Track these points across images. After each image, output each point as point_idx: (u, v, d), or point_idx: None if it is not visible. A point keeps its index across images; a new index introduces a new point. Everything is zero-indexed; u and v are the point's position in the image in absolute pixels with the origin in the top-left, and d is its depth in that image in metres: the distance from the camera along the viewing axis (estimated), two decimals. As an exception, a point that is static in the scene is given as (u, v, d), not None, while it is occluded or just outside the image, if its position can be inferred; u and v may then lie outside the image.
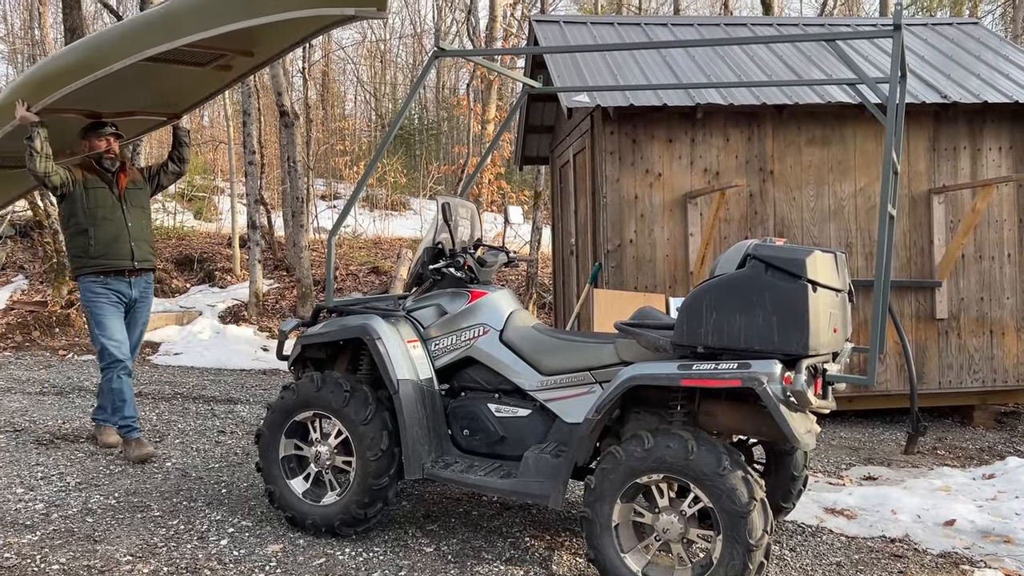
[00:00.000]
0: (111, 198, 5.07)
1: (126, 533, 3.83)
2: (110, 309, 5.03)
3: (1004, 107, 6.52)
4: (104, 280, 5.01)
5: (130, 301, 5.15)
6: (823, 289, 3.10)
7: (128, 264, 5.07)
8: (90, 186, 5.02)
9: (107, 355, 5.01)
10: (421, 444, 3.71)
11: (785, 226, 6.52)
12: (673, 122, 6.46)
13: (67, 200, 5.00)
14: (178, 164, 5.44)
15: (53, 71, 4.64)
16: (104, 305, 5.01)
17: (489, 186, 15.06)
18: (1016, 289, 6.64)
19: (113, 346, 5.00)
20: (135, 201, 5.19)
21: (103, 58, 4.32)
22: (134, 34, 4.31)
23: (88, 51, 4.47)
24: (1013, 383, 6.66)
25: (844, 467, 5.36)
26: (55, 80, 4.55)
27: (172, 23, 4.14)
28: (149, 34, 4.20)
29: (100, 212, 5.00)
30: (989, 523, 4.18)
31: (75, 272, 5.06)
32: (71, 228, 5.03)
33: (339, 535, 3.79)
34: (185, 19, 4.08)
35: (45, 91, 4.59)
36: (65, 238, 5.17)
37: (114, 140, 5.11)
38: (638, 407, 3.47)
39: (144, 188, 5.30)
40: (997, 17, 20.37)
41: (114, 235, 5.02)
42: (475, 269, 4.04)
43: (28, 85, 4.77)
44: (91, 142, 5.07)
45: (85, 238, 4.97)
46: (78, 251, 5.01)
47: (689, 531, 3.12)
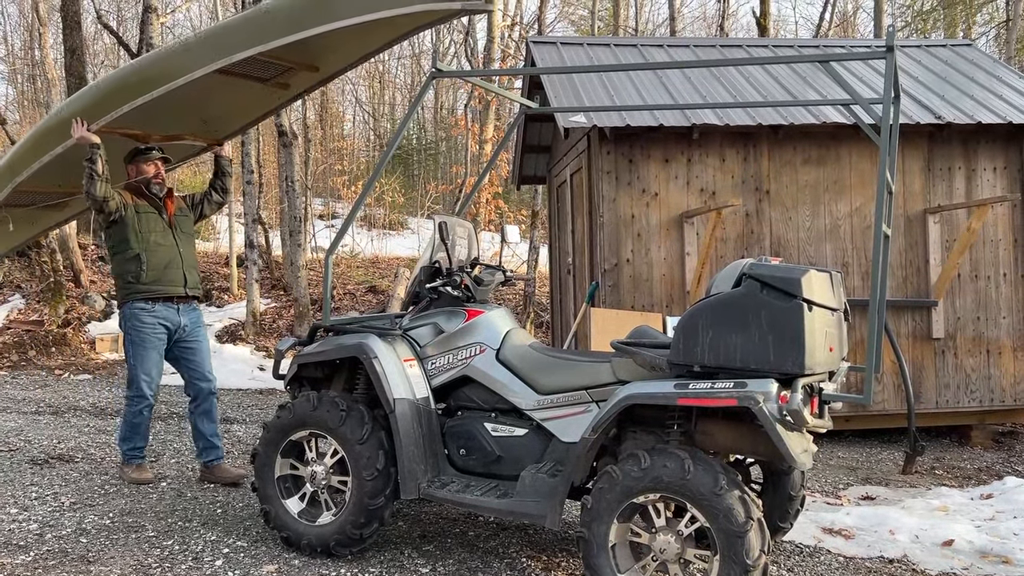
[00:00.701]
0: (162, 223, 4.95)
1: (120, 554, 3.80)
2: (152, 341, 4.85)
3: (998, 127, 6.56)
4: (152, 307, 4.84)
5: (176, 328, 4.94)
6: (819, 308, 3.11)
7: (180, 291, 4.93)
8: (141, 211, 4.88)
9: (137, 388, 4.88)
10: (417, 464, 3.70)
11: (781, 246, 6.54)
12: (669, 142, 6.49)
13: (117, 225, 4.83)
14: (221, 194, 5.32)
15: (115, 86, 4.50)
16: (148, 336, 4.83)
17: (487, 205, 15.08)
18: (1012, 308, 6.66)
19: (145, 381, 4.86)
20: (184, 227, 5.08)
21: (174, 69, 4.21)
22: (213, 40, 4.18)
23: (155, 64, 4.35)
24: (1010, 403, 6.66)
25: (842, 487, 5.35)
26: (117, 95, 4.41)
27: (260, 27, 4.01)
28: (232, 39, 4.08)
29: (152, 237, 4.87)
30: (987, 543, 4.16)
31: (124, 297, 4.87)
32: (121, 253, 4.85)
33: (335, 556, 3.76)
34: (277, 22, 3.95)
35: (105, 108, 4.45)
36: (114, 264, 4.96)
37: (162, 165, 5.00)
38: (635, 426, 3.47)
39: (189, 215, 5.19)
40: (991, 39, 20.56)
41: (166, 261, 4.89)
42: (472, 288, 4.04)
43: (84, 103, 4.61)
44: (139, 167, 4.93)
45: (137, 263, 4.81)
46: (129, 277, 4.83)
47: (686, 551, 3.10)
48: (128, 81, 4.46)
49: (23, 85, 25.18)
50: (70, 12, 14.78)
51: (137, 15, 23.10)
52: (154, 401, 4.98)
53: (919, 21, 18.82)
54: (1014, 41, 16.12)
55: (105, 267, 13.23)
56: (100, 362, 9.92)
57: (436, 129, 26.24)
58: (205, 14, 24.97)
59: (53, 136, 4.69)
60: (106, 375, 9.35)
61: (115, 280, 4.99)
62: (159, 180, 4.97)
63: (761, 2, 15.54)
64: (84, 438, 6.19)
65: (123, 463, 5.07)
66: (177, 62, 4.27)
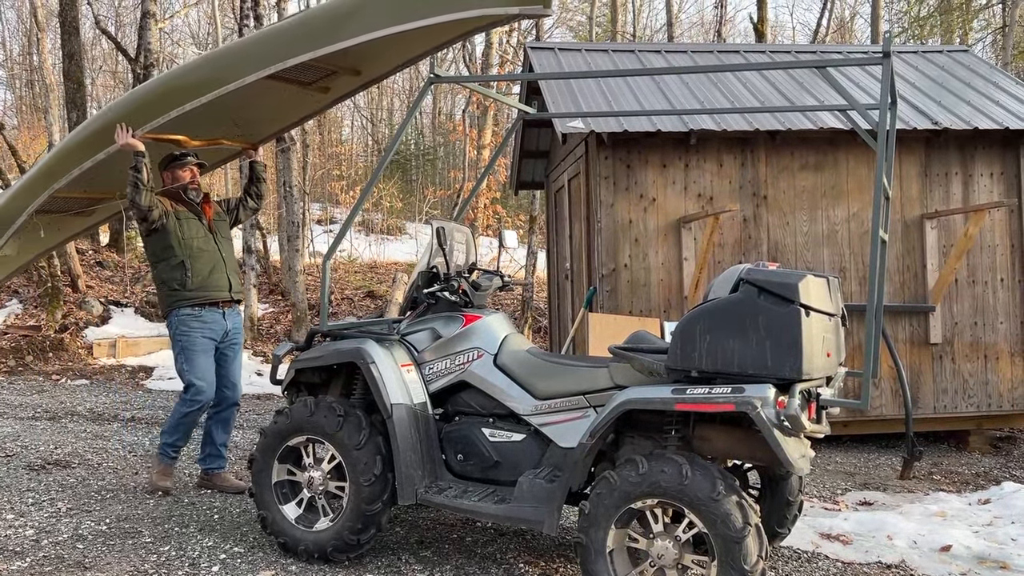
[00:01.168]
0: (203, 229, 4.88)
1: (116, 560, 3.79)
2: (203, 344, 4.78)
3: (995, 133, 6.58)
4: (199, 313, 4.77)
5: (223, 333, 4.88)
6: (816, 313, 3.11)
7: (225, 295, 4.87)
8: (182, 217, 4.81)
9: (194, 391, 4.75)
10: (415, 469, 3.69)
11: (779, 251, 6.54)
12: (667, 147, 6.50)
13: (159, 233, 4.75)
14: (256, 200, 5.27)
15: (161, 91, 4.42)
16: (198, 340, 4.76)
17: (485, 210, 15.10)
18: (1009, 314, 6.66)
19: (203, 385, 4.75)
20: (222, 232, 5.02)
21: (225, 74, 4.14)
22: (265, 46, 4.11)
23: (202, 68, 4.28)
24: (1008, 408, 6.66)
25: (840, 492, 5.35)
26: (163, 101, 4.33)
27: (312, 31, 3.95)
28: (283, 46, 4.02)
29: (195, 243, 4.81)
30: (985, 549, 4.16)
31: (170, 306, 4.79)
32: (165, 261, 4.77)
33: (332, 561, 3.76)
34: (332, 26, 3.88)
35: (150, 113, 4.36)
36: (156, 272, 4.85)
37: (197, 170, 4.94)
38: (632, 431, 3.46)
39: (226, 219, 5.11)
40: (988, 45, 20.62)
41: (210, 266, 4.83)
42: (469, 293, 4.04)
43: (128, 108, 4.51)
44: (174, 173, 4.86)
45: (182, 270, 4.74)
46: (175, 284, 4.75)
47: (684, 557, 3.10)
48: (174, 86, 4.37)
49: (21, 90, 25.20)
50: (68, 17, 14.80)
51: (135, 21, 23.14)
52: (210, 403, 4.86)
53: (916, 27, 18.87)
54: (1011, 47, 16.16)
55: (103, 272, 13.23)
56: (98, 367, 9.91)
57: (434, 134, 26.27)
58: (204, 20, 25.01)
59: (95, 141, 4.57)
60: (104, 380, 9.33)
61: (158, 288, 4.89)
62: (195, 185, 4.91)
63: (759, 8, 15.58)
64: (81, 443, 6.17)
65: (157, 455, 4.95)
66: (226, 66, 4.19)
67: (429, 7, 3.66)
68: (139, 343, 10.65)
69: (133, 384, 9.22)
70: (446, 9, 3.64)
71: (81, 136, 4.72)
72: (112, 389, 8.80)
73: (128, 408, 7.73)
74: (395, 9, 3.74)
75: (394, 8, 3.74)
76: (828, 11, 20.83)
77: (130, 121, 4.44)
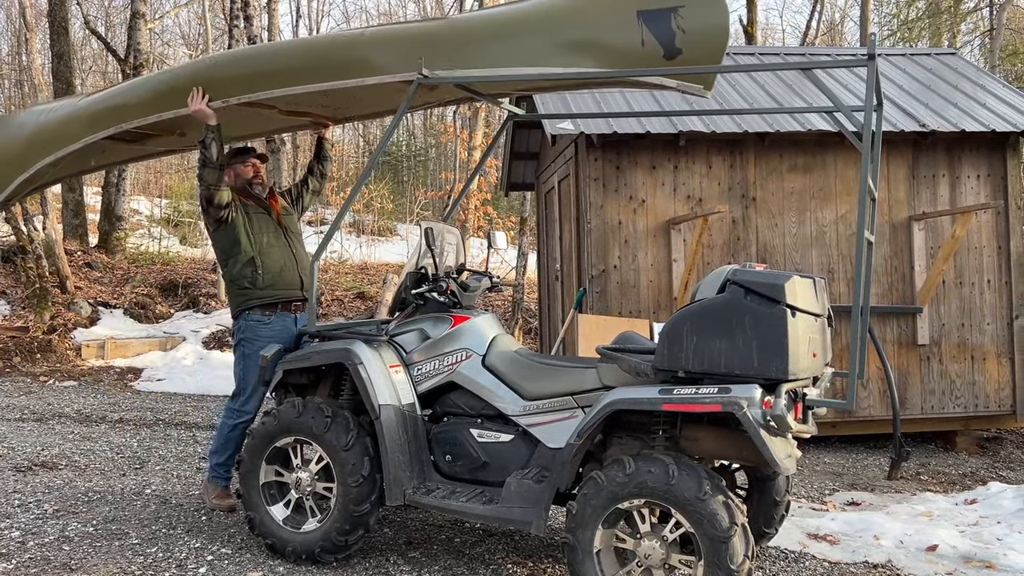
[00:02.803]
0: (272, 224, 4.61)
1: (103, 561, 3.77)
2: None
3: (981, 136, 6.62)
4: (269, 320, 4.46)
5: (292, 340, 4.38)
6: (802, 314, 3.12)
7: (298, 294, 4.57)
8: (251, 211, 4.56)
9: (244, 402, 4.48)
10: (403, 470, 3.69)
11: (768, 252, 6.57)
12: (656, 149, 6.51)
13: (227, 227, 4.46)
14: (320, 180, 4.99)
15: (274, 65, 4.06)
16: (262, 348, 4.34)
17: (475, 212, 15.11)
18: (996, 315, 6.70)
19: (253, 397, 4.47)
20: (292, 227, 4.73)
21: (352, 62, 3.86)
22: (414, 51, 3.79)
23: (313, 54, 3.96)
24: (995, 408, 6.69)
25: (827, 492, 5.37)
26: (267, 79, 4.01)
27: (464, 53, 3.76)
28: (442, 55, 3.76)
29: (265, 239, 4.53)
30: (971, 549, 4.18)
31: (240, 306, 4.50)
32: (234, 258, 4.48)
33: (320, 562, 3.75)
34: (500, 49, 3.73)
35: (238, 88, 4.07)
36: (226, 270, 4.54)
37: (261, 165, 4.70)
38: (620, 432, 3.47)
39: (293, 213, 4.84)
40: (976, 48, 20.75)
41: (281, 264, 4.53)
42: (458, 294, 4.04)
43: (221, 71, 4.19)
44: (236, 169, 4.61)
45: (252, 267, 4.46)
46: (245, 282, 4.46)
47: (671, 557, 3.11)
48: (280, 68, 4.03)
49: (10, 90, 25.05)
50: (57, 18, 14.73)
51: (125, 21, 23.04)
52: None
53: (905, 30, 18.95)
54: (998, 50, 16.27)
55: (92, 273, 13.17)
56: (86, 368, 9.86)
57: (425, 135, 26.25)
58: (194, 20, 24.94)
59: (169, 96, 4.24)
60: (92, 381, 9.29)
61: (228, 286, 4.60)
62: (259, 180, 4.68)
63: (748, 10, 15.64)
64: (68, 445, 6.14)
65: (207, 480, 4.62)
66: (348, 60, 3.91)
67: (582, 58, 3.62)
68: (128, 344, 10.61)
69: (122, 386, 9.19)
70: (610, 64, 3.60)
71: (162, 83, 4.37)
72: (100, 391, 8.76)
73: (116, 410, 7.70)
74: (568, 55, 3.64)
75: (567, 54, 3.64)
76: (818, 14, 20.93)
77: (215, 89, 4.10)
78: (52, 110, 4.74)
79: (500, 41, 3.75)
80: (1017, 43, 18.22)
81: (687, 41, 3.49)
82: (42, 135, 4.61)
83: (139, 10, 14.40)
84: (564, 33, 3.64)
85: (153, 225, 17.87)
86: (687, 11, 3.47)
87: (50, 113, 4.71)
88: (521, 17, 3.80)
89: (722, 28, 3.50)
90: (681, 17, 3.47)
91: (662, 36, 3.50)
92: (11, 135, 4.79)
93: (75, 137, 4.48)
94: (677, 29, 3.48)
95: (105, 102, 4.46)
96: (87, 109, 4.52)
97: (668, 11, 3.49)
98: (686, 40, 3.48)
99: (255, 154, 4.70)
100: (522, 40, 3.71)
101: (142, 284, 13.02)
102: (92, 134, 4.42)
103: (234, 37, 11.01)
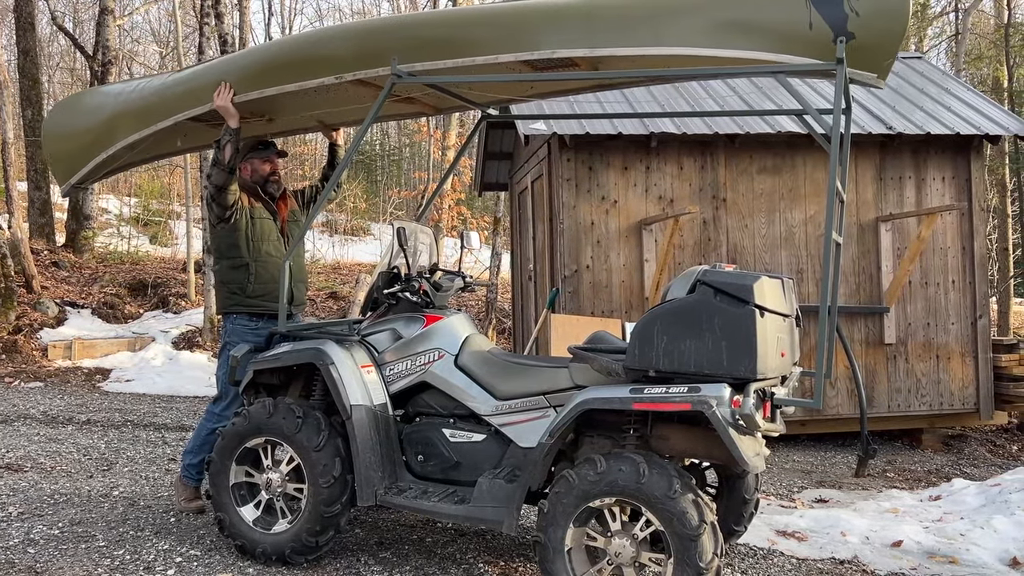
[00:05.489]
0: (276, 232, 4.51)
1: (69, 564, 3.72)
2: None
3: (947, 139, 6.74)
4: (256, 326, 4.41)
5: (264, 338, 4.34)
6: (771, 314, 3.16)
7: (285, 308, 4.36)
8: (256, 216, 4.45)
9: (225, 406, 4.44)
10: (374, 470, 3.68)
11: (738, 252, 6.63)
12: (628, 150, 6.56)
13: (228, 227, 4.38)
14: (335, 189, 4.69)
15: (301, 56, 3.93)
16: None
17: (449, 211, 15.09)
18: (961, 315, 6.82)
19: (236, 400, 4.40)
20: (294, 235, 4.59)
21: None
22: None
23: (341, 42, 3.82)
24: (959, 407, 6.82)
25: (796, 490, 5.43)
26: (291, 71, 3.89)
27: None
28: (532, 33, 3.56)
29: (264, 247, 4.45)
30: (935, 544, 4.26)
31: (227, 307, 4.46)
32: (230, 260, 4.43)
33: (290, 564, 3.73)
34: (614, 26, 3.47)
35: (263, 81, 3.95)
36: (219, 269, 4.48)
37: (279, 162, 4.59)
38: (592, 431, 3.49)
39: (300, 218, 4.70)
40: (942, 52, 21.08)
41: (276, 275, 4.40)
42: (431, 294, 4.04)
43: (247, 67, 4.07)
44: (253, 164, 4.50)
45: (245, 273, 4.39)
46: (234, 287, 4.41)
47: (641, 555, 3.13)
48: (307, 56, 3.89)
49: (-25, 86, 24.58)
50: (24, 13, 14.51)
51: (93, 17, 22.72)
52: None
53: (874, 34, 19.20)
54: (963, 54, 16.54)
55: (59, 272, 12.97)
56: (53, 369, 9.71)
57: (399, 135, 26.17)
58: (164, 17, 24.64)
59: (202, 92, 4.15)
60: (59, 382, 9.15)
61: (218, 285, 4.54)
62: (276, 179, 4.57)
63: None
64: (34, 447, 6.05)
65: (180, 478, 4.57)
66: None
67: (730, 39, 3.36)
68: (96, 345, 10.47)
69: (89, 387, 9.06)
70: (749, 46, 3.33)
71: (195, 80, 4.26)
72: (67, 392, 8.64)
73: (84, 411, 7.60)
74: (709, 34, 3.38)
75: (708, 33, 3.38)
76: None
77: (242, 83, 4.01)
78: (134, 89, 4.51)
79: (651, 21, 3.45)
80: (982, 47, 18.54)
81: (861, 25, 3.20)
82: (124, 115, 4.40)
83: (108, 6, 14.22)
84: (721, 12, 3.37)
85: (122, 224, 17.65)
86: None
87: (131, 93, 4.48)
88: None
89: (901, 11, 3.23)
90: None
91: (832, 18, 3.22)
92: (82, 116, 4.59)
93: (163, 116, 4.29)
94: (850, 11, 3.20)
95: (204, 76, 4.25)
96: (179, 87, 4.33)
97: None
98: (860, 24, 3.20)
99: (275, 150, 4.60)
100: (676, 19, 3.42)
101: (110, 284, 12.85)
102: (183, 111, 4.23)
103: (204, 35, 10.91)
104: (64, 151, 4.64)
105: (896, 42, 3.27)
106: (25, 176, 14.64)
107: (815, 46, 3.27)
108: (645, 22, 3.45)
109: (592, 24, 3.49)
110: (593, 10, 3.51)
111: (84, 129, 4.55)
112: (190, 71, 4.47)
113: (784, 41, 3.31)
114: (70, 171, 4.62)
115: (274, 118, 4.67)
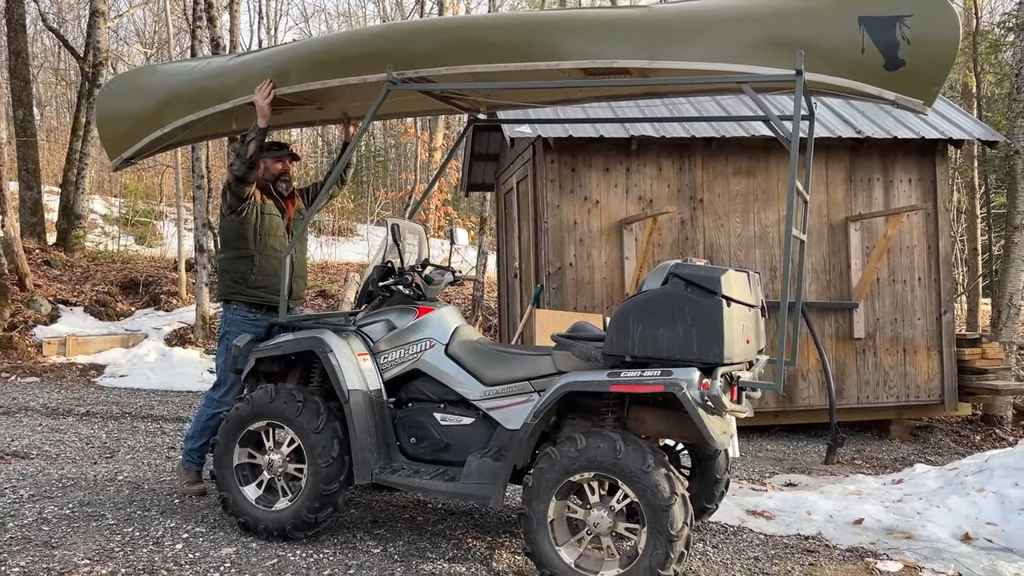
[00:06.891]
0: (282, 228, 4.74)
1: (82, 539, 3.96)
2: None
3: (913, 142, 7.07)
4: (254, 316, 4.62)
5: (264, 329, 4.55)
6: (737, 304, 3.45)
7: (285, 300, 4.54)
8: (266, 212, 4.67)
9: (224, 393, 4.64)
10: (370, 451, 3.94)
11: (714, 251, 6.93)
12: (610, 153, 6.85)
13: (238, 219, 4.59)
14: (339, 185, 5.07)
15: (349, 51, 4.10)
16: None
17: (436, 211, 15.34)
18: (926, 311, 7.15)
19: (240, 392, 4.52)
20: (299, 232, 4.74)
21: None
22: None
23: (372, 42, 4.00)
24: (925, 399, 7.14)
25: (767, 475, 5.73)
26: (340, 65, 4.05)
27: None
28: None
29: (269, 241, 4.66)
30: (894, 522, 4.56)
31: (226, 296, 4.67)
32: (235, 250, 4.63)
33: (291, 539, 3.98)
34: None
35: (308, 75, 4.12)
36: (224, 257, 4.70)
37: (291, 164, 4.82)
38: (573, 413, 3.76)
39: (303, 216, 4.83)
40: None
41: (277, 268, 4.61)
42: (422, 287, 4.29)
43: (296, 59, 4.22)
44: (267, 163, 4.71)
45: (248, 264, 4.60)
46: (237, 276, 4.62)
47: (617, 525, 3.40)
48: (349, 54, 4.08)
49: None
50: (15, 15, 14.64)
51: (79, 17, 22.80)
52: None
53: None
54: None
55: (51, 271, 13.13)
56: (48, 365, 9.89)
57: (386, 136, 26.38)
58: (150, 18, 24.74)
59: (256, 80, 4.31)
60: (54, 378, 9.34)
61: (220, 273, 4.75)
62: (287, 178, 4.80)
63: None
64: (37, 436, 6.26)
65: (182, 463, 4.78)
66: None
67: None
68: (89, 341, 10.65)
69: (84, 382, 9.25)
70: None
71: (250, 67, 4.42)
72: (63, 386, 8.83)
73: (82, 404, 7.80)
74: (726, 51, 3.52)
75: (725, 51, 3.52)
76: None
77: (283, 77, 4.18)
78: (192, 71, 4.67)
79: (706, 35, 3.58)
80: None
81: (911, 53, 3.31)
82: (181, 96, 4.57)
83: (99, 8, 14.37)
84: (777, 30, 3.47)
85: (110, 224, 17.78)
86: (914, 20, 3.30)
87: (190, 74, 4.65)
88: (732, 9, 3.63)
89: (951, 40, 3.33)
90: (907, 27, 3.30)
91: (884, 45, 3.32)
92: (138, 94, 4.73)
93: (219, 100, 4.46)
94: (902, 39, 3.30)
95: (259, 64, 4.42)
96: (237, 72, 4.48)
97: (894, 19, 3.31)
98: (910, 51, 3.30)
99: (288, 152, 4.85)
100: (731, 33, 3.54)
101: (102, 282, 13.01)
102: (239, 97, 4.40)
103: (197, 38, 11.11)
104: (118, 127, 4.82)
105: (945, 71, 3.36)
106: (16, 176, 14.77)
107: (864, 70, 3.37)
108: (695, 36, 3.59)
109: (651, 35, 3.66)
110: (652, 24, 3.69)
111: (141, 107, 4.72)
112: (249, 57, 4.63)
113: (834, 64, 3.41)
114: (123, 146, 4.78)
115: (322, 106, 4.81)
